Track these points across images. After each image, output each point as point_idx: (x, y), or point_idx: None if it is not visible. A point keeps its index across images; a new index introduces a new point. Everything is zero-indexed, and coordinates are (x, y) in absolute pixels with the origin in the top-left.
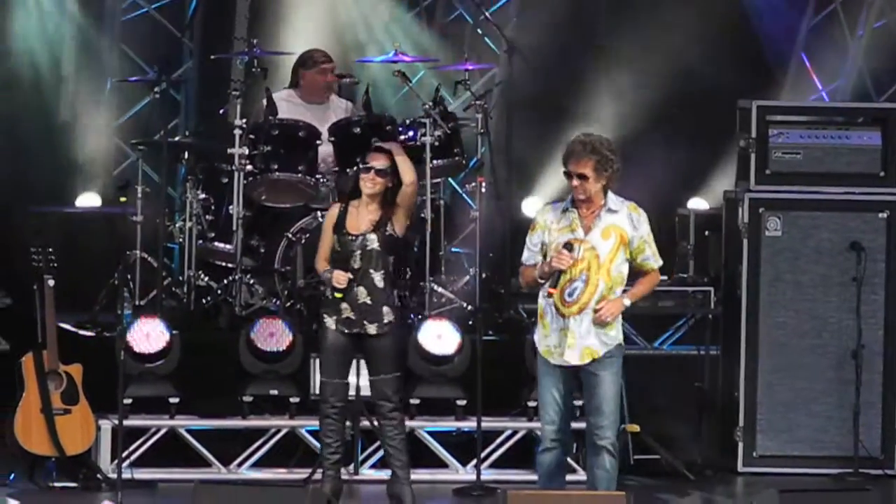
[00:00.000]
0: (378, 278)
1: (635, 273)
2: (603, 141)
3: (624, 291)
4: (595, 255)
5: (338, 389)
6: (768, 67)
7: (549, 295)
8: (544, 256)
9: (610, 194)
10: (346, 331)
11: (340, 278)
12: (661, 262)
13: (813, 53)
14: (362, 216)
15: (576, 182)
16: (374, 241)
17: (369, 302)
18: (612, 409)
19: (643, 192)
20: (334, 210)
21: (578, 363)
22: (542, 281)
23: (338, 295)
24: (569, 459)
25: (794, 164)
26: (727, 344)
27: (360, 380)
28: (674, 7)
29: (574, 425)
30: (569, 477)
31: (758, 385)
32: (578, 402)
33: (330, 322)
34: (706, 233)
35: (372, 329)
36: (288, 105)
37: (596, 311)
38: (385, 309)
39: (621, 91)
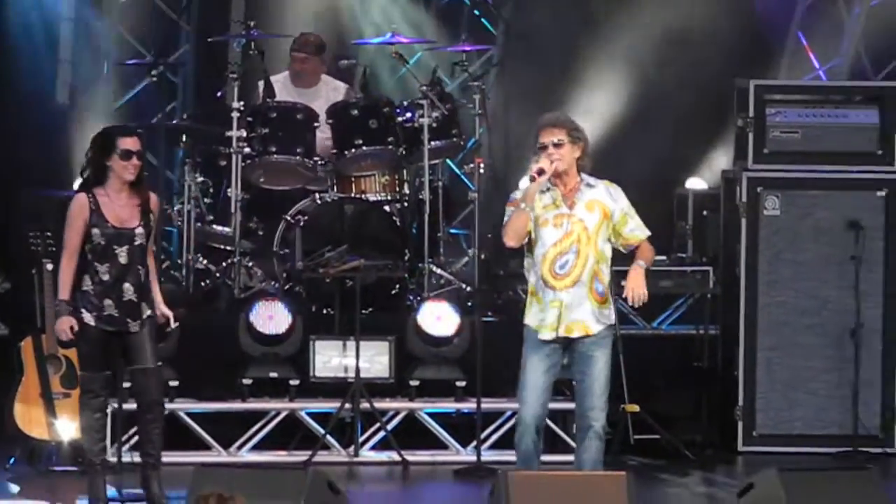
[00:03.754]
0: (143, 273)
1: (625, 257)
2: (569, 118)
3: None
4: (584, 227)
5: (103, 381)
6: (765, 46)
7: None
8: (529, 234)
9: (583, 174)
10: (108, 328)
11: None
12: (648, 232)
13: (810, 32)
14: (119, 206)
15: (552, 149)
16: (141, 236)
17: (135, 300)
18: (603, 391)
19: (641, 172)
20: (83, 200)
21: (573, 336)
22: (525, 206)
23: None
24: None
25: (792, 143)
26: (726, 323)
27: (358, 361)
28: None
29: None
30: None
31: (757, 364)
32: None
33: (89, 318)
34: (704, 212)
35: (134, 327)
36: (281, 88)
37: (624, 298)
38: (143, 305)
39: (618, 70)
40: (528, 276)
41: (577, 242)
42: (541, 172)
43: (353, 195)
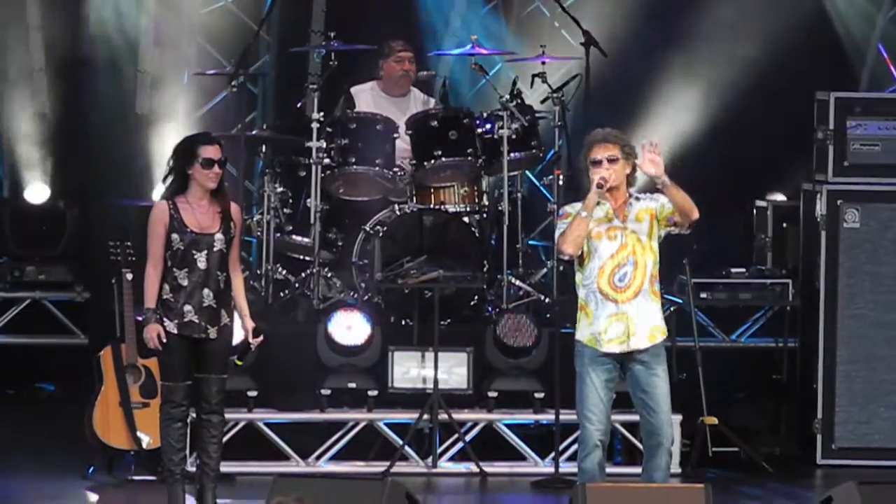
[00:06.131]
0: (223, 280)
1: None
2: (621, 134)
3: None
4: (637, 238)
5: (185, 391)
6: (846, 59)
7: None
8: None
9: (631, 189)
10: (187, 334)
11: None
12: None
13: (891, 44)
14: (200, 213)
15: (606, 165)
16: (220, 242)
17: (214, 305)
18: (669, 407)
19: (721, 185)
20: (163, 207)
21: (647, 345)
22: (585, 214)
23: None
24: None
25: (873, 156)
26: (805, 336)
27: (437, 372)
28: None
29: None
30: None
31: (836, 377)
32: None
33: (171, 326)
34: (784, 225)
35: (213, 333)
36: (371, 96)
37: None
38: (223, 312)
39: (697, 84)
40: (578, 292)
41: (633, 254)
42: (604, 181)
43: (432, 206)
